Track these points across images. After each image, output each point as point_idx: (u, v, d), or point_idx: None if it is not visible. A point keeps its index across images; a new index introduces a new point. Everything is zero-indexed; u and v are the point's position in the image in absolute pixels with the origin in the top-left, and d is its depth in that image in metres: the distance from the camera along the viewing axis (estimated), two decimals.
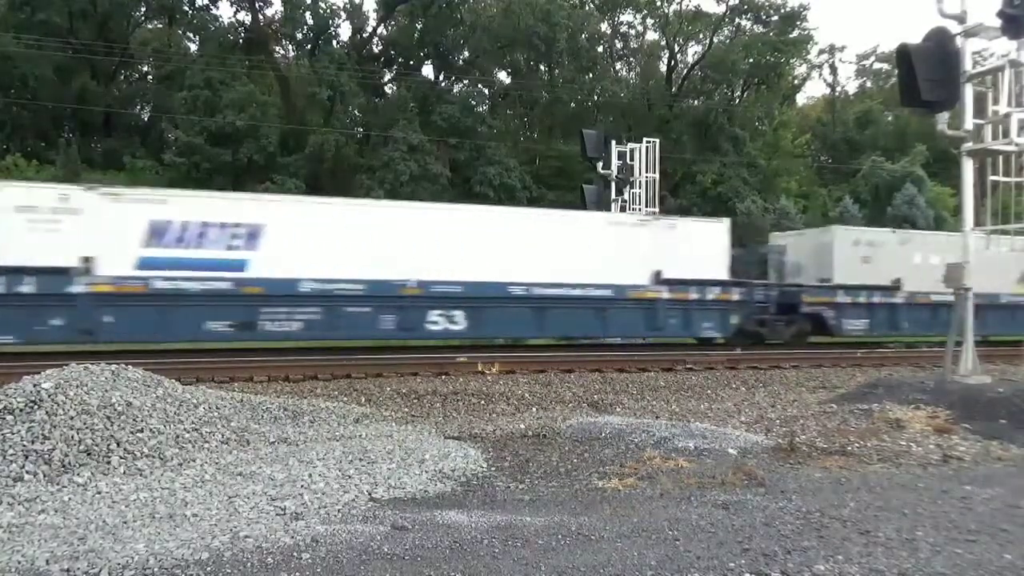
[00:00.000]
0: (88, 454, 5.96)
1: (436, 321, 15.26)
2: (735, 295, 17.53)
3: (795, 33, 42.60)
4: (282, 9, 39.18)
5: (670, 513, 5.27)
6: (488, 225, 16.26)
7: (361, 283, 14.66)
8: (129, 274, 13.59)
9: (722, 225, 18.34)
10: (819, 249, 19.64)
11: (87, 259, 13.38)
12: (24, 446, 5.83)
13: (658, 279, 16.91)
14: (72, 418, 6.17)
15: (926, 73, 9.79)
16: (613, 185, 24.03)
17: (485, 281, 15.40)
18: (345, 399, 10.27)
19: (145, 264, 13.76)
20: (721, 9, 42.80)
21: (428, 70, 41.91)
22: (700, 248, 17.42)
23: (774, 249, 20.89)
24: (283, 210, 14.95)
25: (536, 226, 16.57)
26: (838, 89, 55.11)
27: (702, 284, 17.20)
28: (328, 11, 39.15)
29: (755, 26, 43.15)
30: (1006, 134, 10.20)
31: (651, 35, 45.46)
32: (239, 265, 14.28)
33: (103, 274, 13.41)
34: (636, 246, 16.88)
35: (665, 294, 16.90)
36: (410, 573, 4.13)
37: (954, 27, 10.02)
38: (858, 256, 19.02)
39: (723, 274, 17.70)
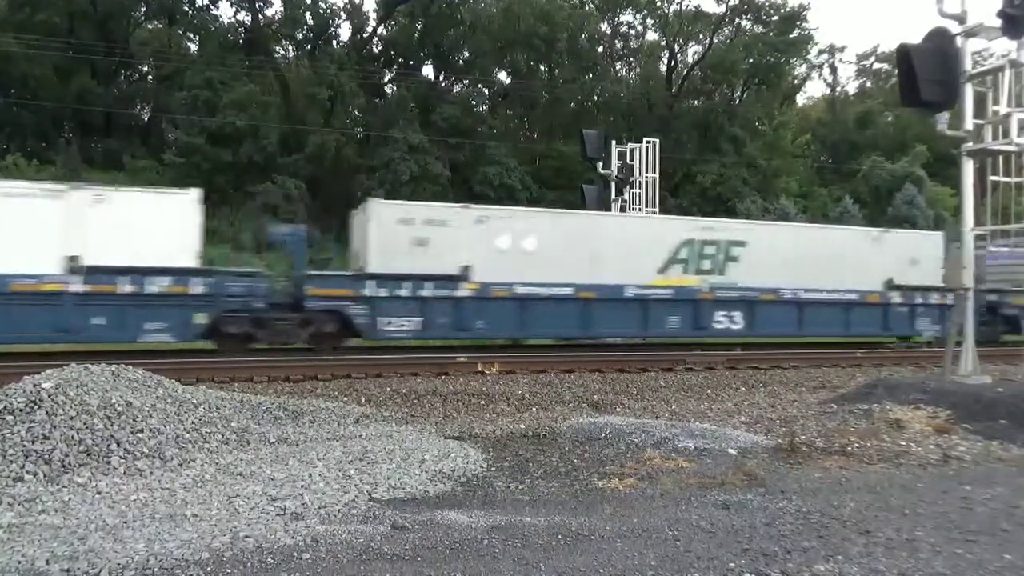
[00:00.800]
0: (88, 454, 5.96)
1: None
2: (198, 287, 14.13)
3: (795, 33, 42.62)
4: (282, 9, 39.25)
5: (670, 513, 5.27)
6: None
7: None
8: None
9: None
10: (360, 230, 16.41)
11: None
12: (24, 446, 5.83)
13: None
14: (72, 418, 6.17)
15: (926, 73, 9.78)
16: (613, 185, 24.05)
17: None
18: (345, 399, 10.26)
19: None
20: (721, 9, 42.84)
21: (428, 70, 41.98)
22: None
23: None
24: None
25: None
26: (838, 89, 55.22)
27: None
28: (328, 11, 39.22)
29: (755, 26, 43.17)
30: (1006, 134, 10.20)
31: (651, 35, 45.51)
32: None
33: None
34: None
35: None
36: (410, 573, 4.13)
37: (954, 27, 10.02)
38: (408, 238, 15.41)
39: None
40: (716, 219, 21.32)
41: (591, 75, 42.39)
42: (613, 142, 24.98)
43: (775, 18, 42.53)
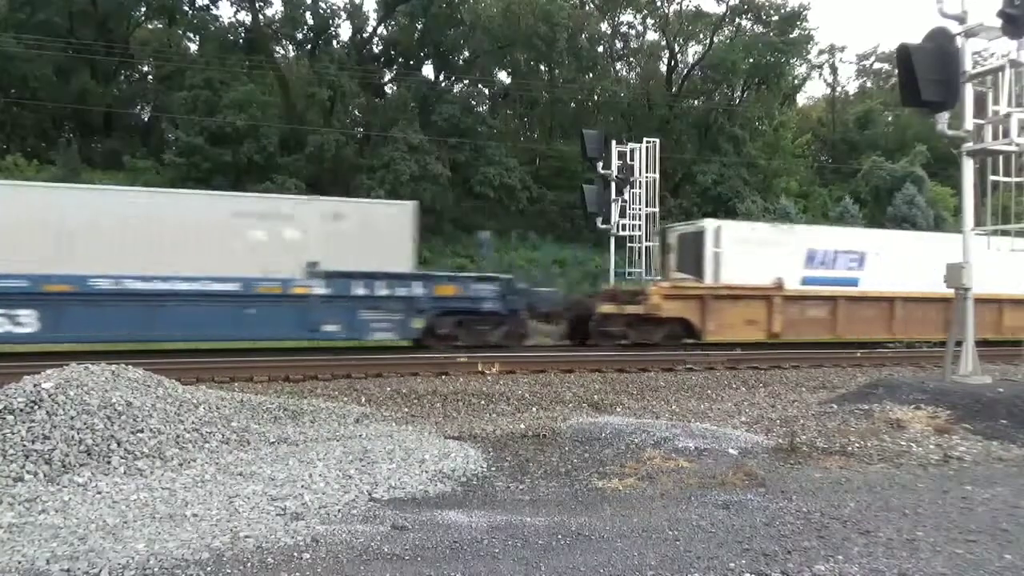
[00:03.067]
0: (88, 454, 5.96)
1: None
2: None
3: (795, 33, 42.58)
4: (282, 9, 39.23)
5: (670, 513, 5.27)
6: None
7: None
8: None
9: None
10: None
11: None
12: (24, 446, 5.83)
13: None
14: (72, 418, 6.17)
15: (926, 73, 9.77)
16: (613, 185, 24.01)
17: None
18: (345, 399, 10.26)
19: None
20: (721, 9, 42.81)
21: (428, 70, 41.95)
22: None
23: None
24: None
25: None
26: (838, 89, 55.17)
27: None
28: (328, 11, 39.18)
29: (755, 26, 43.14)
30: (1006, 134, 10.19)
31: (651, 35, 45.47)
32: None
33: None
34: None
35: None
36: (410, 573, 4.12)
37: (954, 27, 10.01)
38: None
39: None
40: None
41: (591, 75, 42.36)
42: (613, 142, 24.92)
43: (775, 18, 42.51)
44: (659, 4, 43.40)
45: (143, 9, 40.26)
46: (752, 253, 17.67)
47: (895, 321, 18.42)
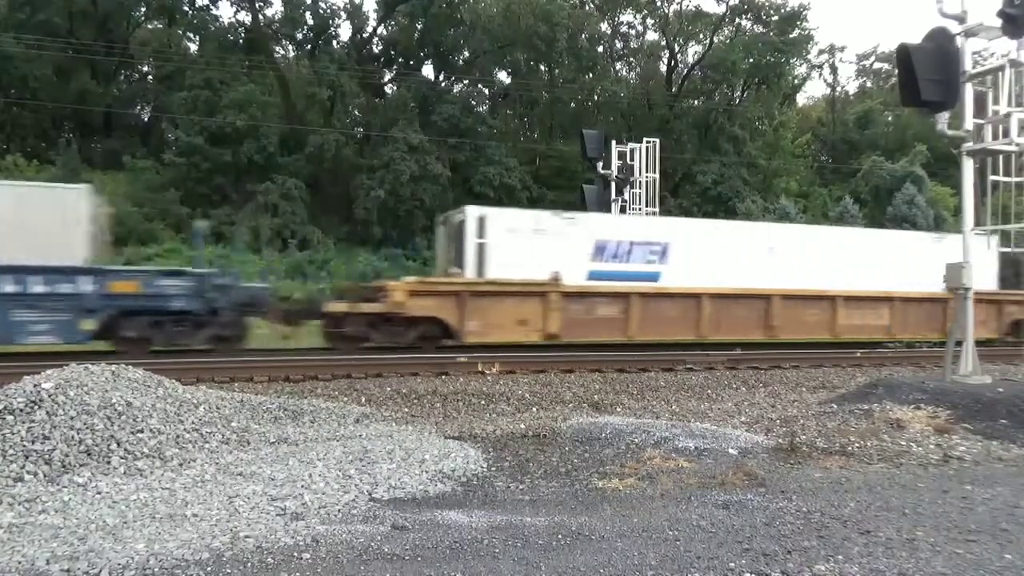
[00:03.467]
0: (88, 454, 5.95)
1: None
2: None
3: (795, 33, 42.65)
4: (282, 9, 39.25)
5: (670, 513, 5.27)
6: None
7: None
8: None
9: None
10: None
11: None
12: (24, 446, 5.83)
13: None
14: (72, 418, 6.17)
15: (926, 73, 9.77)
16: (613, 185, 24.04)
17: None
18: (345, 399, 10.25)
19: None
20: (721, 9, 42.91)
21: (428, 70, 42.00)
22: None
23: None
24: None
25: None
26: (838, 89, 55.24)
27: None
28: (328, 11, 39.22)
29: (755, 26, 43.20)
30: (1006, 134, 10.19)
31: (651, 35, 45.56)
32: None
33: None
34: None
35: None
36: (410, 573, 4.12)
37: (954, 27, 10.01)
38: None
39: None
40: None
41: (591, 75, 42.40)
42: (613, 142, 24.98)
43: (775, 18, 42.57)
44: (659, 4, 43.47)
45: (143, 9, 40.31)
46: (526, 244, 15.91)
47: (702, 321, 16.71)
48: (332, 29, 39.86)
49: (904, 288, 18.04)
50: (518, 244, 15.87)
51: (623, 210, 23.37)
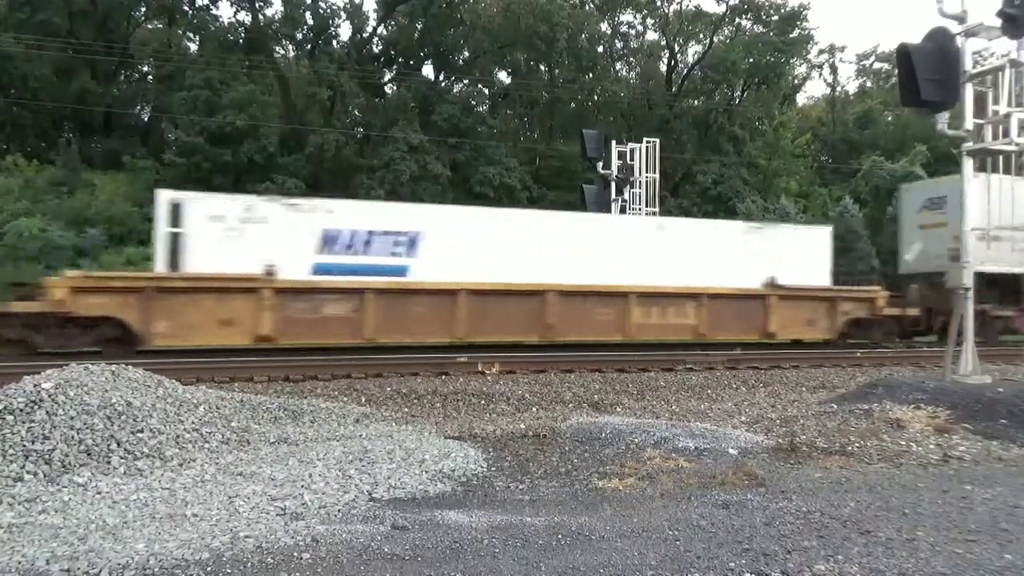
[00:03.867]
0: (88, 454, 5.95)
1: None
2: None
3: (795, 33, 42.66)
4: (282, 9, 39.26)
5: (670, 513, 5.26)
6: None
7: None
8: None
9: None
10: None
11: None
12: (24, 446, 5.83)
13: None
14: (72, 418, 6.17)
15: (926, 73, 9.77)
16: (613, 185, 24.05)
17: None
18: (345, 399, 10.25)
19: None
20: (721, 9, 42.93)
21: (428, 70, 42.00)
22: None
23: None
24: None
25: None
26: (838, 89, 55.24)
27: None
28: (328, 11, 39.23)
29: (755, 26, 43.22)
30: (1006, 134, 10.19)
31: (651, 35, 45.58)
32: None
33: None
34: None
35: None
36: (410, 573, 4.12)
37: (954, 27, 10.01)
38: None
39: None
40: None
41: (591, 75, 42.42)
42: (613, 142, 25.00)
43: (775, 18, 42.59)
44: (659, 4, 43.50)
45: (143, 9, 40.34)
46: (236, 234, 14.28)
47: (458, 321, 15.20)
48: (332, 29, 39.89)
49: (714, 284, 16.79)
50: (226, 234, 14.21)
51: (623, 210, 23.38)
